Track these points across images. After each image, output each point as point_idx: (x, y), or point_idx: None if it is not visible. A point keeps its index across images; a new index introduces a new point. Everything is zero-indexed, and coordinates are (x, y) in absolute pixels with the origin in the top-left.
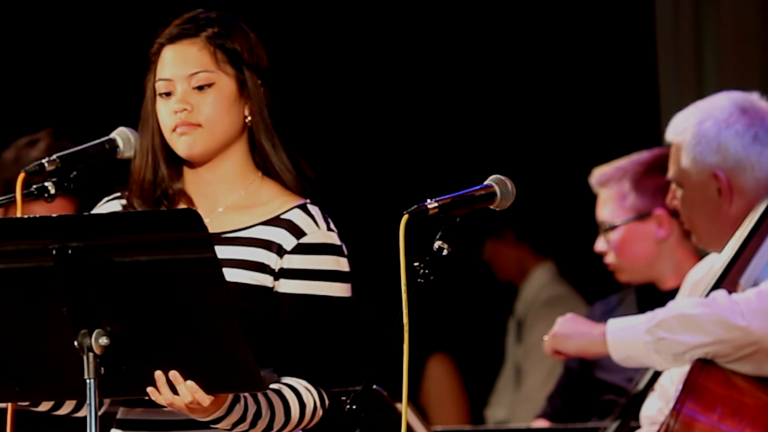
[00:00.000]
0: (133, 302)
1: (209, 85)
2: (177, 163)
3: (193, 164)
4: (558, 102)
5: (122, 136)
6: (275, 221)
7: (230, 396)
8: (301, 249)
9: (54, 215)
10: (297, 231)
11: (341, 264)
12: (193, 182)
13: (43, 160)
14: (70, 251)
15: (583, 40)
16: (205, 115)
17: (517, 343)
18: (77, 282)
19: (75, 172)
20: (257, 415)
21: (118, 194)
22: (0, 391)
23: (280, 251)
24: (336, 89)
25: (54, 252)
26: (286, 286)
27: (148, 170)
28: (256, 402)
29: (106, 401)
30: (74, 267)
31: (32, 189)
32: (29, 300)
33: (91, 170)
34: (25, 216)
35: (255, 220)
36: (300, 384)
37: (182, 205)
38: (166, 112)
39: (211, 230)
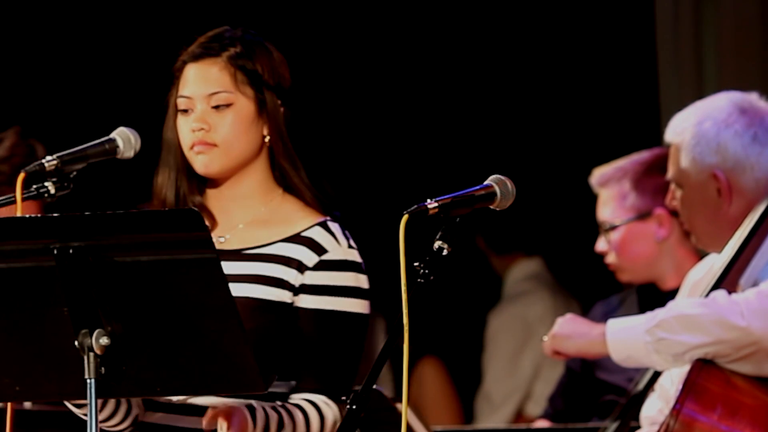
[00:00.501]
0: (134, 302)
1: (227, 106)
2: (199, 178)
3: (213, 180)
4: (558, 102)
5: (122, 137)
6: (296, 238)
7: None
8: (322, 266)
9: (56, 215)
10: (318, 248)
11: (360, 281)
12: (214, 198)
13: (43, 160)
14: (71, 251)
15: (583, 40)
16: (222, 135)
17: None
18: (78, 282)
19: (75, 173)
20: (280, 424)
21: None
22: (0, 390)
23: (300, 267)
24: (336, 90)
25: (55, 252)
26: (306, 301)
27: (169, 188)
28: (277, 412)
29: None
30: (75, 267)
31: (32, 189)
32: (30, 300)
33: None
34: (27, 215)
35: (275, 237)
36: (320, 399)
37: None
38: (185, 130)
39: (231, 246)
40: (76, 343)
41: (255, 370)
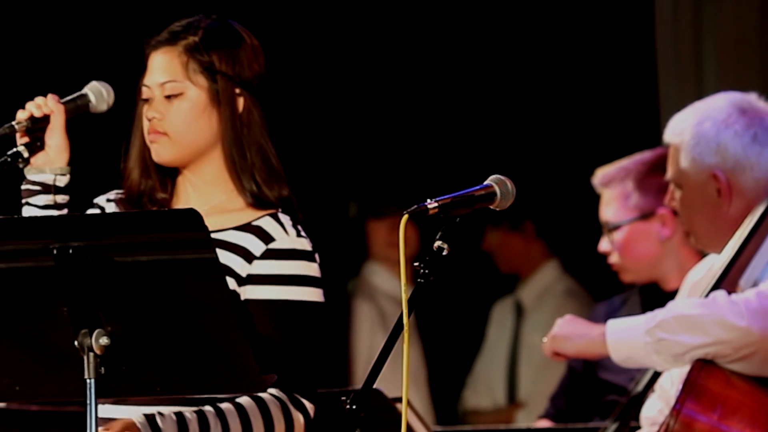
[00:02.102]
0: (134, 302)
1: (178, 95)
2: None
3: (177, 168)
4: (558, 102)
5: (93, 91)
6: (246, 227)
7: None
8: (270, 255)
9: (55, 215)
10: (266, 237)
11: (312, 269)
12: (181, 182)
13: (13, 122)
14: (70, 251)
15: (583, 40)
16: (171, 124)
17: (519, 330)
18: (78, 282)
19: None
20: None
21: (120, 191)
22: (0, 390)
23: (248, 256)
24: (336, 90)
25: (55, 252)
26: (256, 291)
27: (134, 176)
28: (200, 416)
29: None
30: (75, 267)
31: (6, 156)
32: (30, 300)
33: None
34: (27, 216)
35: (228, 224)
36: (269, 395)
37: None
38: (144, 119)
39: None
40: (75, 343)
41: (255, 370)
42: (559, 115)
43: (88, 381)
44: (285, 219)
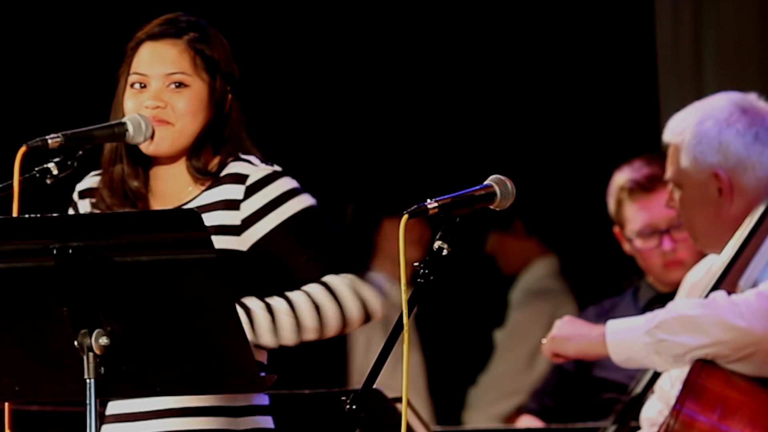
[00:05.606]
0: (134, 302)
1: (185, 87)
2: (140, 156)
3: (155, 160)
4: (558, 102)
5: (133, 122)
6: (217, 182)
7: None
8: (251, 191)
9: (55, 215)
10: (240, 178)
11: (289, 183)
12: (154, 178)
13: (47, 136)
14: (70, 251)
15: (583, 40)
16: (179, 114)
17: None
18: (78, 282)
19: (81, 152)
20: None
21: (99, 171)
22: (0, 390)
23: (232, 204)
24: (336, 90)
25: (55, 251)
26: (262, 227)
27: (114, 162)
28: (263, 302)
29: None
30: (75, 267)
31: (34, 171)
32: (30, 300)
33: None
34: (26, 215)
35: (197, 192)
36: (323, 279)
37: (141, 204)
38: (134, 105)
39: None
40: (75, 343)
41: (255, 370)
42: (558, 115)
43: (88, 381)
44: (248, 157)
